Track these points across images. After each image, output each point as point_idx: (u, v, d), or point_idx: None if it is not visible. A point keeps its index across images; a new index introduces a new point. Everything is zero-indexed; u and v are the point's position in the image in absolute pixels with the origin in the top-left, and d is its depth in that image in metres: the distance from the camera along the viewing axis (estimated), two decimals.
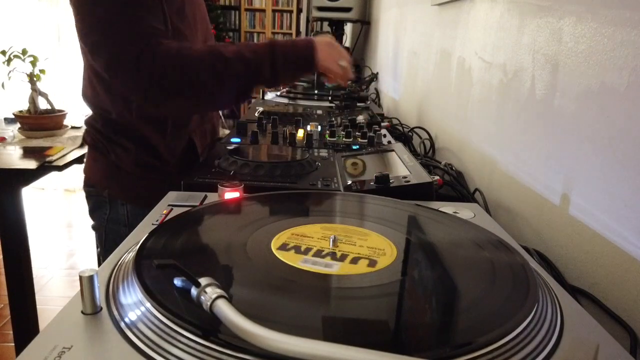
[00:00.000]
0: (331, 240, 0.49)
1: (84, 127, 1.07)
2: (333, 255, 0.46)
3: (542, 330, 0.36)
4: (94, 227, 1.05)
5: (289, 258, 0.45)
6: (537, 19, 0.72)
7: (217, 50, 0.85)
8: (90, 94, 0.95)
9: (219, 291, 0.34)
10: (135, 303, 0.37)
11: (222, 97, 0.88)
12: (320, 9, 2.59)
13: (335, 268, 0.44)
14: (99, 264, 0.83)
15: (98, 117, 0.97)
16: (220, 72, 0.84)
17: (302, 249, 0.47)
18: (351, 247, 0.48)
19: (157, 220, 0.58)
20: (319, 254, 0.46)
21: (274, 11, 5.25)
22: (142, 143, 0.95)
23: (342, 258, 0.46)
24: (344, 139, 1.09)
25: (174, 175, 0.95)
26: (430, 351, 0.32)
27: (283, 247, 0.48)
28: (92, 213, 1.04)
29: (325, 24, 2.79)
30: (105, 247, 1.02)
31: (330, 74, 0.95)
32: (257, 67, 0.86)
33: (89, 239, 2.78)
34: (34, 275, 1.53)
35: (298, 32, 5.09)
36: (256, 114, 1.35)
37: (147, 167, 0.97)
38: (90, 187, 1.02)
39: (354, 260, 0.45)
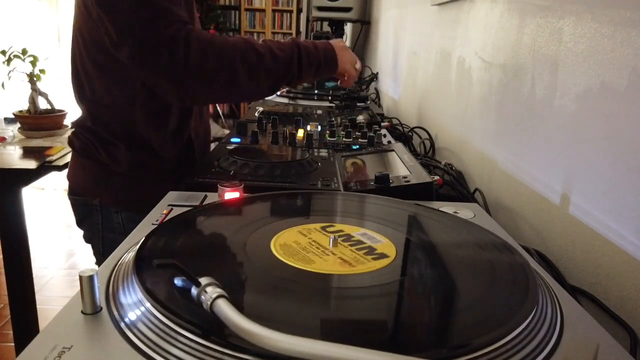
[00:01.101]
0: (331, 240, 0.49)
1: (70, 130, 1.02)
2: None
3: (542, 330, 0.36)
4: (86, 238, 1.01)
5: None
6: (537, 19, 0.72)
7: (250, 42, 0.85)
8: (87, 91, 0.92)
9: (219, 291, 0.34)
10: (135, 303, 0.37)
11: (254, 89, 0.88)
12: (320, 8, 2.59)
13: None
14: (99, 264, 0.82)
15: (92, 116, 0.93)
16: (255, 65, 0.84)
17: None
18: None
19: (157, 220, 0.58)
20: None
21: (274, 11, 5.25)
22: (139, 142, 0.92)
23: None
24: (344, 139, 1.09)
25: (170, 178, 0.93)
26: (430, 351, 0.32)
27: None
28: (81, 223, 1.00)
29: (325, 23, 2.79)
30: (104, 256, 0.87)
31: (347, 75, 1.00)
32: (286, 64, 0.88)
33: None
34: (34, 275, 1.53)
35: (298, 32, 5.09)
36: (256, 114, 1.35)
37: (143, 168, 0.93)
38: (77, 196, 0.98)
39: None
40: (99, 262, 1.02)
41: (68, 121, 1.72)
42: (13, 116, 1.65)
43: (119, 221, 0.95)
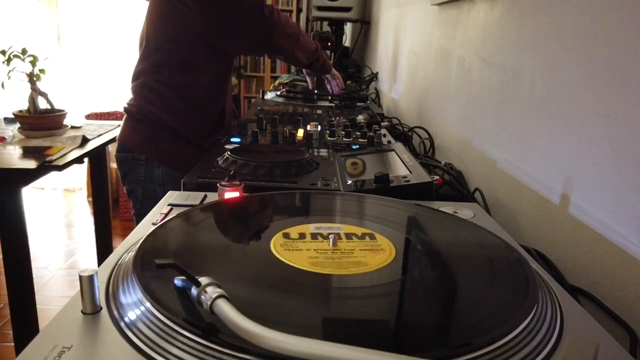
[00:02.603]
0: (331, 240, 0.49)
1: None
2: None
3: (542, 330, 0.36)
4: (127, 190, 1.26)
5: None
6: (537, 18, 0.72)
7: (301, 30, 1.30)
8: (163, 51, 1.18)
9: (219, 291, 0.34)
10: (135, 303, 0.37)
11: (295, 51, 1.30)
12: (320, 8, 2.59)
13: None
14: (99, 264, 0.83)
15: (153, 67, 1.19)
16: (303, 43, 1.31)
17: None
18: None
19: (157, 220, 0.58)
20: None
21: None
22: (186, 91, 1.21)
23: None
24: (344, 138, 1.09)
25: (202, 142, 1.24)
26: (430, 351, 0.32)
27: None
28: (125, 177, 1.24)
29: (325, 23, 2.79)
30: (142, 204, 1.22)
31: (336, 77, 1.56)
32: (315, 50, 1.39)
33: (89, 239, 2.78)
34: (34, 275, 1.52)
35: None
36: (256, 114, 1.35)
37: (186, 124, 1.22)
38: (126, 153, 1.22)
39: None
40: (137, 213, 1.26)
41: (68, 121, 1.72)
42: (13, 116, 1.65)
43: (159, 174, 1.21)
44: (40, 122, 1.62)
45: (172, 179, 1.20)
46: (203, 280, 0.35)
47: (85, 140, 1.60)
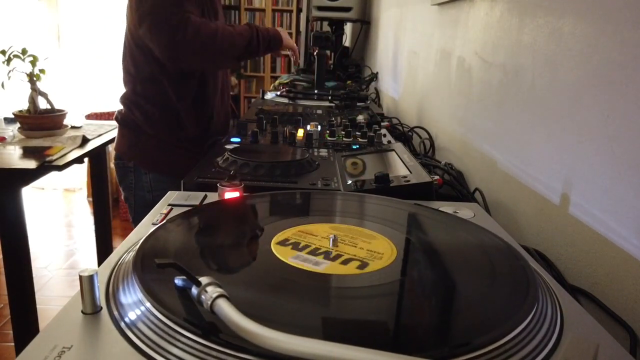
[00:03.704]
0: (331, 240, 0.49)
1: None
2: (332, 255, 0.46)
3: (542, 330, 0.36)
4: (124, 197, 1.28)
5: (289, 257, 0.45)
6: (537, 18, 0.72)
7: (223, 26, 1.18)
8: (133, 70, 1.21)
9: (219, 290, 0.34)
10: (135, 303, 0.37)
11: (228, 56, 1.21)
12: (320, 8, 2.59)
13: (333, 268, 0.44)
14: (99, 264, 0.83)
15: (136, 90, 1.21)
16: (227, 48, 1.19)
17: (302, 248, 0.47)
18: (351, 247, 0.48)
19: (157, 220, 0.58)
20: (314, 252, 0.46)
21: (273, 11, 5.25)
22: (169, 108, 1.22)
23: (341, 257, 0.46)
24: (344, 138, 1.09)
25: (188, 146, 1.23)
26: (431, 351, 0.32)
27: (283, 247, 0.47)
28: (120, 184, 1.27)
29: (325, 23, 2.79)
30: (135, 212, 1.25)
31: (291, 49, 1.42)
32: (249, 43, 1.24)
33: (89, 239, 2.78)
34: (34, 275, 1.52)
35: (298, 32, 5.09)
36: (256, 114, 1.35)
37: (169, 131, 1.22)
38: (118, 160, 1.26)
39: (353, 260, 0.45)
40: (133, 218, 1.29)
41: (68, 121, 1.72)
42: (13, 116, 1.65)
43: (147, 180, 1.22)
44: (40, 122, 1.62)
45: (160, 184, 1.22)
46: (203, 280, 0.35)
47: (85, 140, 1.60)
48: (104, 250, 2.01)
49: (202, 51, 1.13)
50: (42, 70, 1.64)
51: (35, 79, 1.61)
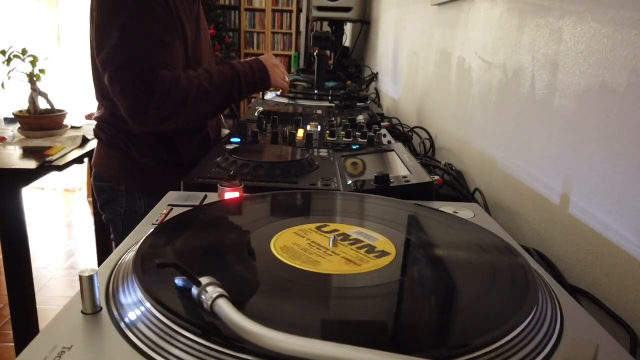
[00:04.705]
0: (331, 240, 0.49)
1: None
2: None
3: (542, 330, 0.36)
4: (107, 219, 1.15)
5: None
6: (537, 18, 0.72)
7: (200, 82, 1.02)
8: (105, 91, 1.02)
9: (219, 290, 0.34)
10: (135, 303, 0.37)
11: (200, 117, 1.08)
12: (320, 8, 2.59)
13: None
14: (99, 264, 0.83)
15: (118, 114, 1.02)
16: (202, 105, 1.03)
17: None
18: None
19: (157, 220, 0.58)
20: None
21: (273, 11, 5.25)
22: (164, 139, 1.08)
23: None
24: (343, 138, 1.09)
25: (189, 170, 1.08)
26: (430, 351, 0.32)
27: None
28: (104, 206, 1.14)
29: (325, 23, 2.79)
30: (123, 234, 1.10)
31: (279, 88, 1.25)
32: (229, 95, 1.08)
33: (89, 239, 2.78)
34: (34, 275, 1.52)
35: (298, 32, 5.09)
36: (256, 114, 1.35)
37: (166, 161, 1.09)
38: (103, 182, 1.11)
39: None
40: (116, 241, 1.18)
41: (68, 121, 1.72)
42: (13, 116, 1.65)
43: (141, 205, 1.10)
44: (40, 122, 1.62)
45: None
46: (203, 279, 0.35)
47: (85, 140, 1.60)
48: (104, 250, 2.01)
49: (171, 116, 0.98)
50: (42, 70, 1.64)
51: (35, 79, 1.62)
